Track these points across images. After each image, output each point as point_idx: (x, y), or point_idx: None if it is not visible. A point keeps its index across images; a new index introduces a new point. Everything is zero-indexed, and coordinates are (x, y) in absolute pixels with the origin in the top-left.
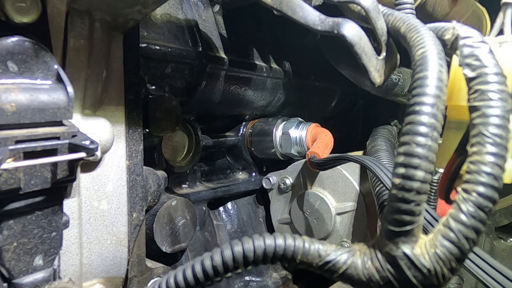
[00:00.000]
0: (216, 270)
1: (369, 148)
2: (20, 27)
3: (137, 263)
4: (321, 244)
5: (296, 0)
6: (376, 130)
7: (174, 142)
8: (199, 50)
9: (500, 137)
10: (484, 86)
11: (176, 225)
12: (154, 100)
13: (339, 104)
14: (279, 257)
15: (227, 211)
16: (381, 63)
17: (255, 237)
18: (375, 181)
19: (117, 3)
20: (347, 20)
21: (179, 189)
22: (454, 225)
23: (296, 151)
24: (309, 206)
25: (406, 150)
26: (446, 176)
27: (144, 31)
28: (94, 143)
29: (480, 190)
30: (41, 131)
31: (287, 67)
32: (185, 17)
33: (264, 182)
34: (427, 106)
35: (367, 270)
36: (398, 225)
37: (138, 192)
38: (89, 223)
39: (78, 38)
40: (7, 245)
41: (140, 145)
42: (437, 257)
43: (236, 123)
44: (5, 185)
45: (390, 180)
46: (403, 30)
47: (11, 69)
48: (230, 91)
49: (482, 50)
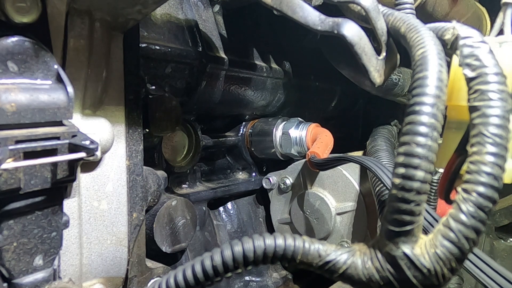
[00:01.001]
0: (216, 270)
1: (369, 148)
2: (20, 27)
3: (137, 263)
4: (321, 244)
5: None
6: (376, 130)
7: (174, 142)
8: (199, 50)
9: (500, 137)
10: (484, 86)
11: (176, 225)
12: (154, 100)
13: (339, 104)
14: (279, 257)
15: (227, 211)
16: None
17: (255, 237)
18: (375, 181)
19: (117, 3)
20: (347, 20)
21: (179, 189)
22: (454, 225)
23: (296, 151)
24: (309, 206)
25: (406, 150)
26: (446, 176)
27: (144, 31)
28: (94, 143)
29: (480, 190)
30: (41, 131)
31: (287, 67)
32: (185, 17)
33: (264, 182)
34: (427, 106)
35: (367, 270)
36: (398, 225)
37: (138, 192)
38: (89, 223)
39: (78, 38)
40: (7, 245)
41: (140, 145)
42: (437, 257)
43: (236, 123)
44: (5, 185)
45: (390, 180)
46: (403, 30)
47: (11, 69)
48: (230, 91)
49: (482, 50)
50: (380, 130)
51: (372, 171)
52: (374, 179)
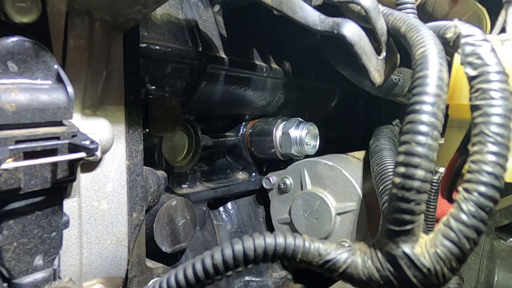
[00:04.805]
0: (216, 268)
1: (373, 147)
2: (20, 27)
3: (137, 263)
4: (321, 243)
5: (296, 0)
6: (378, 130)
7: (174, 142)
8: (199, 50)
9: (502, 136)
10: (485, 85)
11: (176, 225)
12: (154, 100)
13: (339, 104)
14: (279, 256)
15: (227, 211)
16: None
17: (256, 235)
18: (378, 180)
19: (117, 3)
20: (347, 20)
21: (179, 189)
22: (455, 225)
23: (296, 151)
24: (309, 206)
25: (406, 149)
26: (448, 175)
27: (144, 31)
28: (94, 143)
29: (481, 190)
30: (41, 131)
31: (287, 67)
32: (185, 17)
33: (264, 182)
34: (427, 105)
35: (367, 269)
36: (399, 224)
37: (138, 192)
38: (89, 223)
39: (78, 38)
40: (7, 245)
41: (140, 145)
42: (437, 257)
43: (236, 123)
44: (5, 185)
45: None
46: (403, 30)
47: (11, 69)
48: (230, 91)
49: (484, 48)
50: (383, 129)
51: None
52: (378, 178)
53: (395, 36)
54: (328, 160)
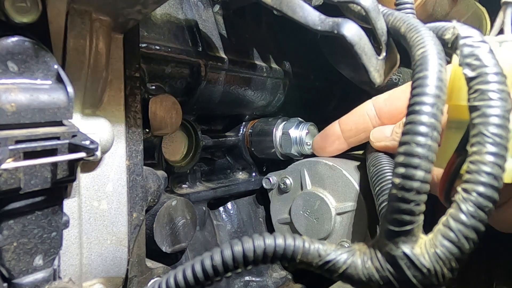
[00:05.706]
0: (216, 270)
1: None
2: (20, 27)
3: (137, 263)
4: (321, 244)
5: (296, 0)
6: None
7: (174, 142)
8: (199, 50)
9: (500, 137)
10: (484, 86)
11: (176, 225)
12: (154, 100)
13: (339, 104)
14: (279, 257)
15: (227, 211)
16: (381, 63)
17: (255, 236)
18: (375, 181)
19: (117, 3)
20: (347, 20)
21: (179, 189)
22: (454, 225)
23: (296, 151)
24: (309, 206)
25: (405, 149)
26: (446, 176)
27: (144, 31)
28: (94, 143)
29: (480, 190)
30: (41, 131)
31: (287, 67)
32: (185, 17)
33: (264, 182)
34: (427, 106)
35: (367, 269)
36: (398, 225)
37: (138, 192)
38: (89, 223)
39: (78, 38)
40: (7, 245)
41: (140, 145)
42: (437, 257)
43: (236, 123)
44: (5, 185)
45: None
46: (403, 30)
47: (11, 69)
48: (230, 91)
49: (482, 49)
50: None
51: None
52: (374, 179)
53: (395, 36)
54: (328, 160)
